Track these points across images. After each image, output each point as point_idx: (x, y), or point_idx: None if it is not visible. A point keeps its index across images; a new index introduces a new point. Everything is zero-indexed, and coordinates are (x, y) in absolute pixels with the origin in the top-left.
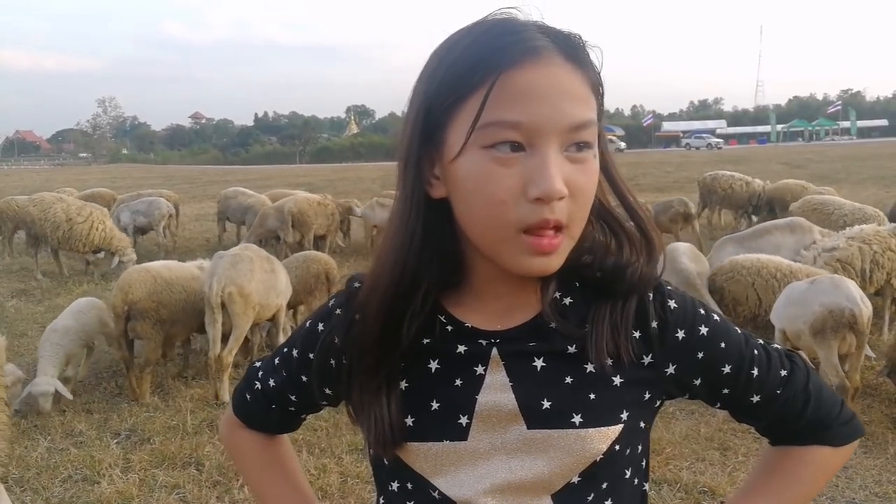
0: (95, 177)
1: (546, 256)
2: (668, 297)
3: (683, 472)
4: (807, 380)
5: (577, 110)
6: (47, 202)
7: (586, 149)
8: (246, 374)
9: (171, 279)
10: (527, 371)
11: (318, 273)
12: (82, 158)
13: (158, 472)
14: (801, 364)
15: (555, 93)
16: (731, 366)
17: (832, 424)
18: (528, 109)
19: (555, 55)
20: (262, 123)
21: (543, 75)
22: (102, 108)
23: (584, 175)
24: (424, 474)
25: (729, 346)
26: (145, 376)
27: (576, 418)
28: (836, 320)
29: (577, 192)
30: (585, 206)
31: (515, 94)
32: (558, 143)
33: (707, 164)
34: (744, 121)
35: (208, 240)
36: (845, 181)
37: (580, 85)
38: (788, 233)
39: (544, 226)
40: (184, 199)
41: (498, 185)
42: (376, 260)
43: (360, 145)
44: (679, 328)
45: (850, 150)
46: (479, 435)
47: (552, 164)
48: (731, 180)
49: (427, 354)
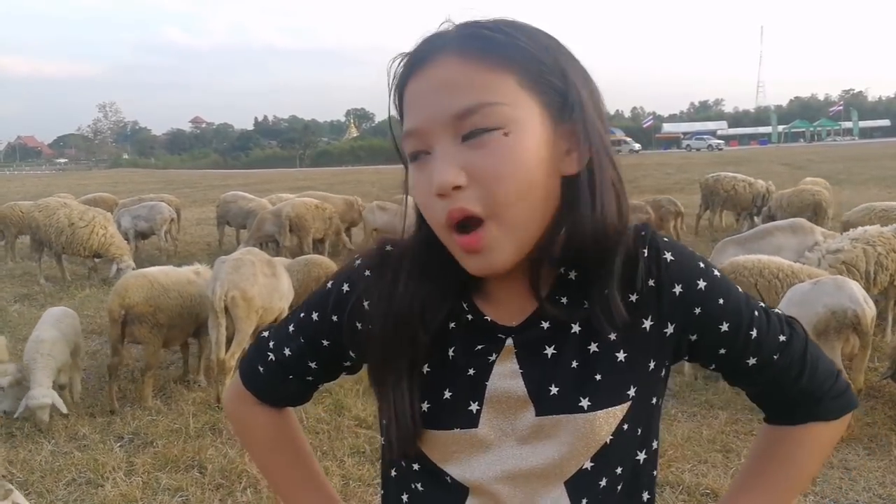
0: (97, 181)
1: (477, 255)
2: (664, 249)
3: (686, 475)
4: (805, 348)
5: (458, 99)
6: (52, 207)
7: (485, 133)
8: (255, 345)
9: (168, 284)
10: (538, 358)
11: (320, 277)
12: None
13: (161, 475)
14: (800, 331)
15: (434, 91)
16: (730, 324)
17: (823, 397)
18: (416, 115)
19: (442, 54)
20: (262, 127)
21: (426, 78)
22: (103, 113)
23: (488, 157)
24: (435, 461)
25: (728, 303)
26: (147, 380)
27: (583, 402)
28: (840, 321)
29: (481, 176)
30: (500, 187)
31: (409, 105)
32: (450, 136)
33: (708, 166)
34: (745, 122)
35: (209, 244)
36: (847, 182)
37: (469, 73)
38: (790, 234)
39: (452, 219)
40: (185, 203)
41: (418, 191)
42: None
43: (360, 149)
44: (676, 282)
45: (852, 151)
46: (490, 422)
47: (440, 158)
48: (733, 181)
49: (449, 341)
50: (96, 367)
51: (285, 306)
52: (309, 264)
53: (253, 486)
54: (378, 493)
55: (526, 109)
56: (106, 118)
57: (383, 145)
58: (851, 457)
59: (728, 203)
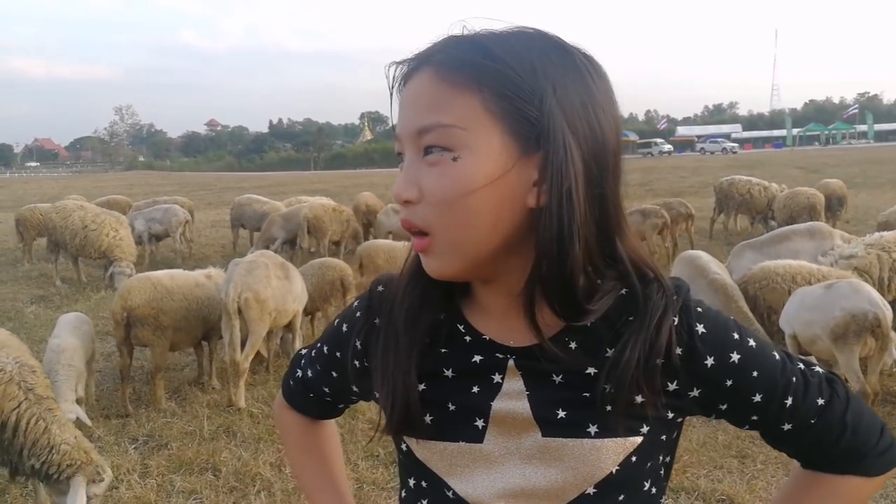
0: (113, 184)
1: (425, 256)
2: (697, 321)
3: (701, 480)
4: (845, 408)
5: (419, 116)
6: (68, 210)
7: (437, 151)
8: (293, 359)
9: (172, 287)
10: (544, 383)
11: (334, 280)
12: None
13: (176, 477)
14: (841, 392)
15: (407, 103)
16: (763, 395)
17: (868, 454)
18: (398, 122)
19: (423, 68)
20: (276, 130)
21: (408, 89)
22: (119, 116)
23: (434, 179)
24: (440, 473)
25: (762, 374)
26: (158, 382)
27: (591, 428)
28: (860, 324)
29: (427, 195)
30: (442, 209)
31: (396, 114)
32: (414, 149)
33: (722, 169)
34: (759, 125)
35: (224, 246)
36: (863, 185)
37: (432, 90)
38: (808, 238)
39: (404, 225)
40: (199, 205)
41: None
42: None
43: (374, 151)
44: (709, 356)
45: (867, 154)
46: (495, 439)
47: (403, 169)
48: (748, 185)
49: (446, 362)
50: (111, 368)
51: (298, 308)
52: (323, 267)
53: (267, 489)
54: (391, 498)
55: (485, 135)
56: (122, 121)
57: None
58: None
59: (742, 207)
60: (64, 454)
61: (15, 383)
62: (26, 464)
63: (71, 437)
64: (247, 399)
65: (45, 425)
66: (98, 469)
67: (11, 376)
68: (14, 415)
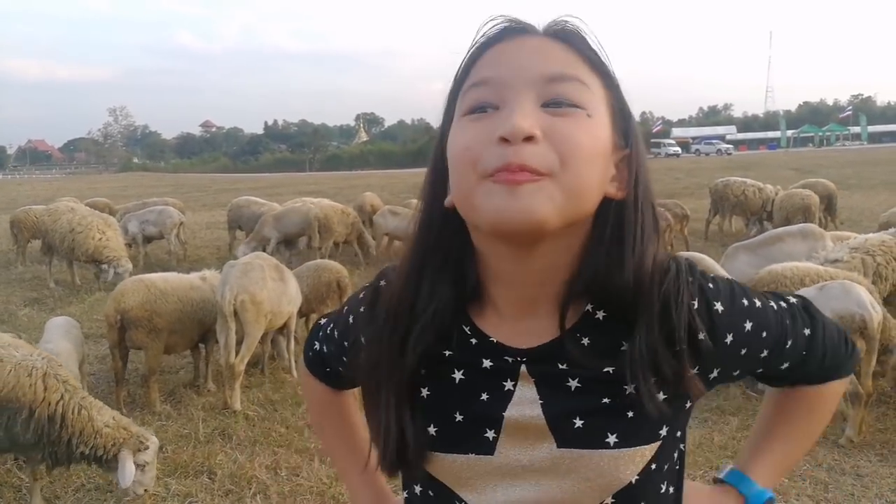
0: (107, 185)
1: (511, 194)
2: (715, 297)
3: (697, 481)
4: (824, 332)
5: (552, 64)
6: (59, 212)
7: (569, 107)
8: (312, 329)
9: (167, 289)
10: (560, 390)
11: (330, 282)
12: (94, 167)
13: (171, 480)
14: (817, 316)
15: (528, 53)
16: (769, 349)
17: (843, 361)
18: (498, 67)
19: (541, 34)
20: (271, 131)
21: (519, 43)
22: (113, 117)
23: (568, 125)
24: (449, 484)
25: (770, 332)
26: (152, 385)
27: (610, 438)
28: (847, 326)
29: (557, 139)
30: (574, 153)
31: (492, 61)
32: (532, 94)
33: (717, 171)
34: (754, 126)
35: (219, 248)
36: (857, 187)
37: (560, 52)
38: (800, 240)
39: (508, 168)
40: (194, 207)
41: (466, 136)
42: (397, 270)
43: (370, 153)
44: (728, 333)
45: (861, 156)
46: (507, 451)
47: (519, 106)
48: (743, 186)
49: (451, 365)
50: (105, 371)
51: (294, 310)
52: (319, 269)
53: (262, 492)
54: None
55: (603, 111)
56: (116, 122)
57: (393, 149)
58: (863, 463)
59: (738, 208)
60: (107, 437)
61: (52, 376)
62: (75, 451)
63: (110, 419)
64: (242, 401)
65: (88, 413)
66: (141, 439)
67: (46, 370)
68: (59, 406)
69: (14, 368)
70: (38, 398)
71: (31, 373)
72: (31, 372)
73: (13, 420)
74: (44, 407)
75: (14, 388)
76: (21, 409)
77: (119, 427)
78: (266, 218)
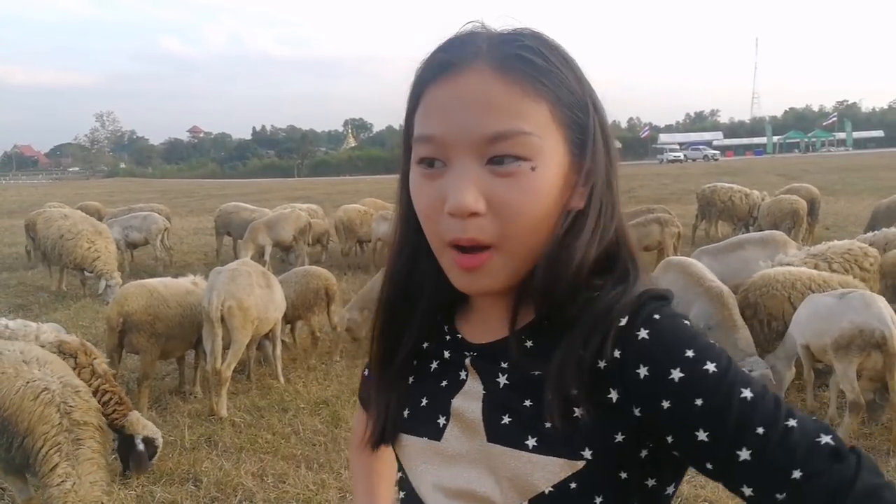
0: (94, 191)
1: (472, 274)
2: (644, 324)
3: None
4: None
5: (493, 121)
6: (53, 218)
7: (513, 161)
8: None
9: (167, 295)
10: (493, 385)
11: (318, 289)
12: (80, 173)
13: (156, 488)
14: (852, 462)
15: (467, 104)
16: (709, 434)
17: None
18: (440, 123)
19: (478, 65)
20: (259, 137)
21: (459, 87)
22: (100, 123)
23: (512, 191)
24: (405, 466)
25: (711, 406)
26: (143, 391)
27: (530, 441)
28: (866, 340)
29: (500, 208)
30: (518, 222)
31: (432, 109)
32: (475, 156)
33: (704, 176)
34: (740, 132)
35: (206, 254)
36: (842, 192)
37: (504, 94)
38: (761, 247)
39: (457, 243)
40: (182, 212)
41: (423, 200)
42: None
43: (358, 158)
44: (642, 364)
45: (846, 162)
46: (452, 438)
47: (460, 177)
48: (730, 192)
49: (429, 356)
50: None
51: (279, 317)
52: (307, 276)
53: (248, 499)
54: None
55: (552, 143)
56: (103, 127)
57: (381, 155)
58: None
59: (724, 214)
60: (53, 498)
61: (55, 405)
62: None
63: (70, 484)
64: (229, 408)
65: (56, 462)
66: None
67: (53, 397)
68: (42, 440)
69: (23, 388)
70: (32, 427)
71: (38, 396)
72: (40, 395)
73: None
74: (30, 438)
75: (17, 412)
76: (17, 435)
77: (77, 499)
78: (257, 225)
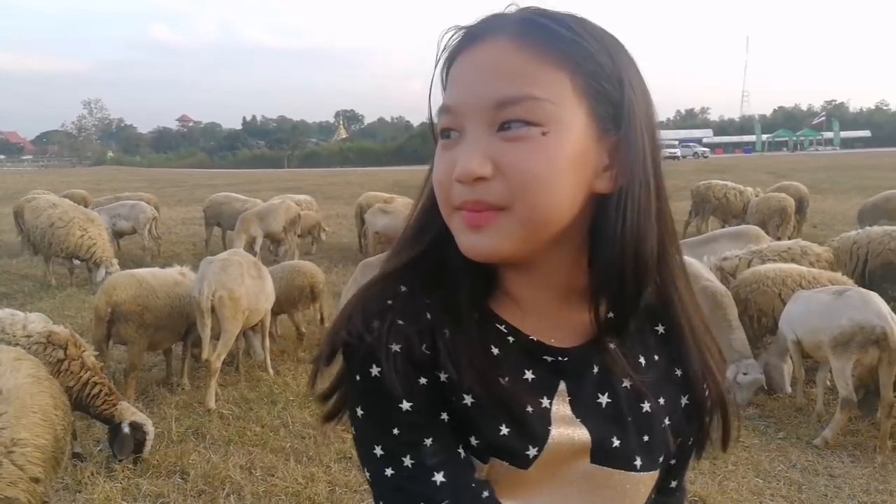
0: (81, 179)
1: (475, 233)
2: None
3: None
4: None
5: (503, 86)
6: (41, 208)
7: (522, 126)
8: None
9: (156, 285)
10: (592, 405)
11: (303, 286)
12: (67, 160)
13: (142, 480)
14: None
15: (478, 72)
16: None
17: None
18: (456, 92)
19: (498, 36)
20: (250, 127)
21: (473, 58)
22: (88, 110)
23: (521, 153)
24: None
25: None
26: (130, 382)
27: (637, 461)
28: (866, 336)
29: (507, 170)
30: (527, 184)
31: (452, 80)
32: (485, 122)
33: (694, 173)
34: (730, 130)
35: (195, 244)
36: (830, 191)
37: (518, 60)
38: (732, 241)
39: (464, 207)
40: (170, 202)
41: (438, 168)
42: None
43: (349, 150)
44: None
45: (833, 161)
46: (542, 467)
47: (469, 144)
48: (724, 189)
49: (496, 370)
50: None
51: (269, 308)
52: (294, 271)
53: (237, 492)
54: (364, 500)
55: (572, 113)
56: (91, 115)
57: (372, 147)
58: (836, 464)
59: (719, 211)
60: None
61: None
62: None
63: None
64: (217, 400)
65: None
66: None
67: None
68: None
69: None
70: None
71: None
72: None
73: None
74: None
75: None
76: None
77: None
78: (248, 216)
